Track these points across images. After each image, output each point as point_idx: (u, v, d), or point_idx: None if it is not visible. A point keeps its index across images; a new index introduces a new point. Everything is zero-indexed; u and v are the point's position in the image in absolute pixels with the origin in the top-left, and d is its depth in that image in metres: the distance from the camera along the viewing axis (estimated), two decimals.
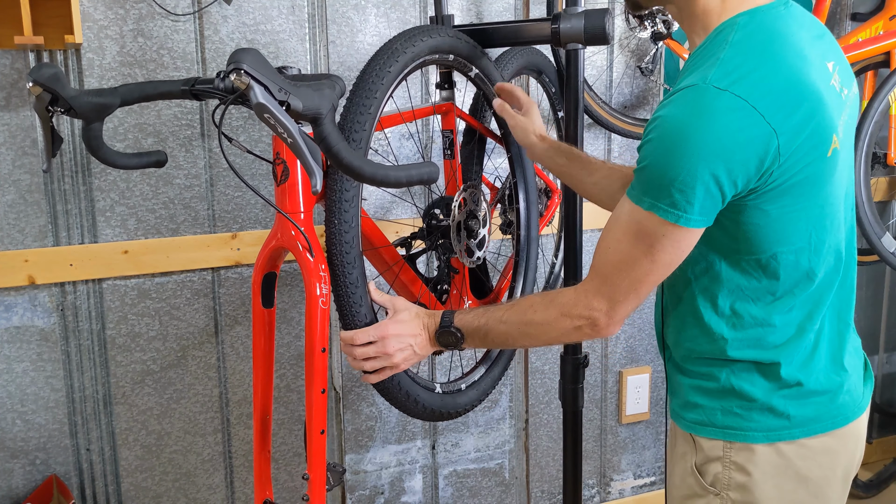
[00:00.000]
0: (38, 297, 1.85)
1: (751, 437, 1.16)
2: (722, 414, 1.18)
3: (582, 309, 1.18)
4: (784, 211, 1.08)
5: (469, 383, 1.61)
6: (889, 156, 2.45)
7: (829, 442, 1.17)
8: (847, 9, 2.59)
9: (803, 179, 1.06)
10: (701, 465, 1.21)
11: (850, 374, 1.21)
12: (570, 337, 1.24)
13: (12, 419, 1.87)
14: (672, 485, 1.28)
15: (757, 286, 1.14)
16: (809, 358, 1.17)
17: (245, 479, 2.10)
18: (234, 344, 2.03)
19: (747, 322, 1.15)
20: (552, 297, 1.23)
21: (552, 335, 1.24)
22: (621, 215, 1.12)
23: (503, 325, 1.27)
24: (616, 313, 1.16)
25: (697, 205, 1.03)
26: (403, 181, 1.14)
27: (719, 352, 1.18)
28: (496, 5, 2.16)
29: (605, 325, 1.17)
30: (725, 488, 1.18)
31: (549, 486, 2.50)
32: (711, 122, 1.00)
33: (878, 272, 2.87)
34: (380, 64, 1.35)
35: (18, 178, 1.80)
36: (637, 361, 2.55)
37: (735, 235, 1.11)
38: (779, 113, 1.01)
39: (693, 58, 1.13)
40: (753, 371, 1.17)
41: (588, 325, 1.18)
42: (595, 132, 2.33)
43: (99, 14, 1.80)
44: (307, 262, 1.27)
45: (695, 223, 1.05)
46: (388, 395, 1.40)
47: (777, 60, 1.05)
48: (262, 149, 1.97)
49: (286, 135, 1.02)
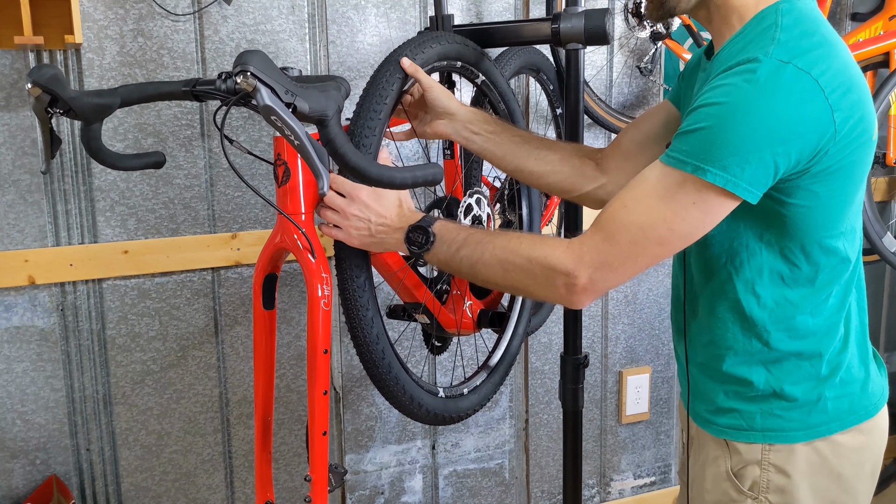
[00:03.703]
0: (38, 297, 1.85)
1: (791, 437, 1.16)
2: (761, 417, 1.18)
3: (569, 258, 1.09)
4: (833, 194, 1.08)
5: (471, 388, 1.61)
6: (888, 156, 2.45)
7: (858, 437, 1.19)
8: (847, 9, 2.59)
9: (852, 162, 1.07)
10: (737, 469, 1.20)
11: (872, 362, 1.24)
12: (541, 288, 1.14)
13: (12, 419, 1.87)
14: (703, 490, 1.26)
15: (799, 274, 1.13)
16: (843, 347, 1.18)
17: (245, 479, 2.10)
18: (234, 344, 2.03)
19: (789, 312, 1.15)
20: (545, 238, 1.15)
21: (524, 276, 1.14)
22: (649, 177, 1.07)
23: (479, 248, 1.17)
24: (601, 279, 1.09)
25: (749, 172, 1.01)
26: (409, 182, 1.14)
27: (761, 347, 1.17)
28: (496, 5, 2.16)
29: (581, 287, 1.09)
30: (764, 491, 1.17)
31: (549, 486, 2.50)
32: (776, 93, 1.00)
33: (878, 272, 2.87)
34: (389, 70, 1.35)
35: (18, 178, 1.80)
36: (637, 361, 2.55)
37: (783, 220, 1.10)
38: (836, 91, 1.02)
39: (732, 44, 1.11)
40: (794, 366, 1.16)
41: (564, 282, 1.09)
42: (595, 132, 2.33)
43: (99, 14, 1.79)
44: (309, 264, 1.27)
45: (743, 191, 1.02)
46: (390, 397, 1.40)
47: (830, 43, 1.06)
48: (262, 149, 1.97)
49: (293, 137, 1.01)
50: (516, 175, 1.49)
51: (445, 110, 1.44)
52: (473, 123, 1.44)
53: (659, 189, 1.05)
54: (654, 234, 1.06)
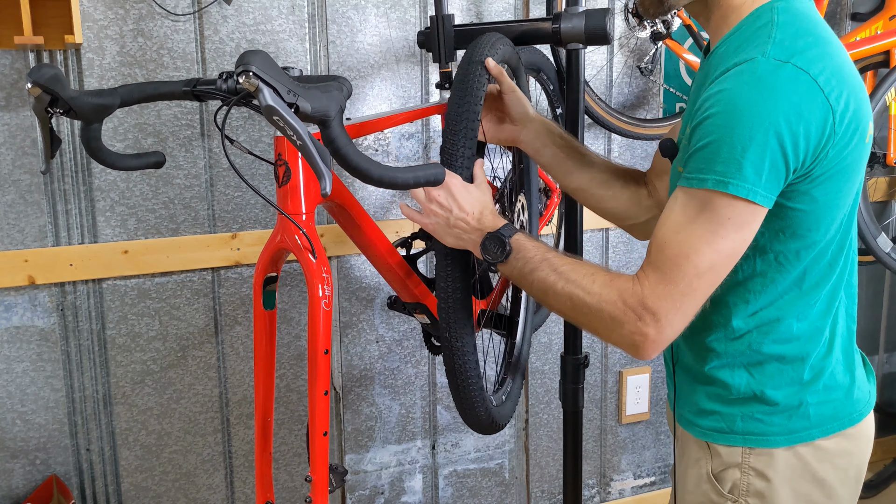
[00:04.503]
0: (38, 297, 1.85)
1: (772, 442, 1.15)
2: (742, 420, 1.16)
3: (637, 304, 1.05)
4: (829, 197, 1.07)
5: (506, 394, 1.62)
6: (888, 156, 2.45)
7: (842, 443, 1.17)
8: (847, 9, 2.59)
9: (849, 164, 1.06)
10: (718, 471, 1.19)
11: (858, 369, 1.22)
12: (611, 332, 1.09)
13: (12, 419, 1.87)
14: (685, 491, 1.25)
15: (788, 277, 1.12)
16: (828, 352, 1.16)
17: (245, 479, 2.10)
18: (234, 344, 2.03)
19: (774, 315, 1.14)
20: (615, 276, 1.11)
21: (595, 320, 1.10)
22: (675, 206, 1.05)
23: (553, 275, 1.14)
24: (667, 328, 1.05)
25: (765, 178, 0.99)
26: (411, 183, 1.14)
27: (744, 350, 1.15)
28: (496, 5, 2.16)
29: (652, 340, 1.05)
30: (744, 495, 1.16)
31: (549, 486, 2.50)
32: (776, 91, 0.99)
33: (877, 272, 2.87)
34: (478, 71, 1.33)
35: (18, 178, 1.79)
36: (637, 361, 2.55)
37: (780, 225, 1.08)
38: (834, 90, 1.01)
39: (727, 42, 1.11)
40: (776, 370, 1.15)
41: (633, 333, 1.06)
42: (595, 132, 2.33)
43: (99, 14, 1.79)
44: (310, 264, 1.26)
45: (762, 198, 1.00)
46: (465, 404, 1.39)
47: (826, 42, 1.05)
48: (263, 149, 1.97)
49: (295, 137, 1.01)
50: (576, 194, 1.49)
51: (522, 117, 1.44)
52: (545, 136, 1.44)
53: (689, 213, 1.03)
54: (702, 262, 1.03)
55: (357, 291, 2.14)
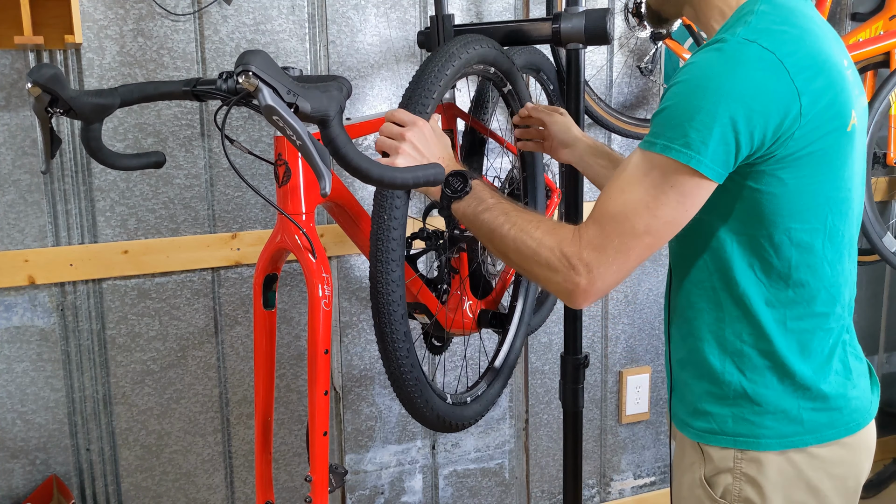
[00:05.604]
0: (38, 297, 1.85)
1: (763, 445, 1.14)
2: (733, 421, 1.16)
3: (573, 254, 1.08)
4: (802, 182, 1.06)
5: (474, 397, 1.61)
6: (889, 156, 2.45)
7: (839, 451, 1.16)
8: (847, 9, 2.59)
9: (822, 149, 1.06)
10: (710, 476, 1.18)
11: (859, 378, 1.20)
12: (546, 277, 1.12)
13: (12, 419, 1.87)
14: (679, 496, 1.25)
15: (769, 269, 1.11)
16: (826, 361, 1.15)
17: (245, 479, 2.10)
18: (234, 344, 2.03)
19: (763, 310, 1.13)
20: (558, 225, 1.14)
21: (533, 263, 1.13)
22: (628, 165, 1.07)
23: (502, 217, 1.17)
24: (598, 280, 1.07)
25: (711, 148, 1.00)
26: (410, 183, 1.14)
27: (733, 339, 1.15)
28: (496, 5, 2.16)
29: (583, 289, 1.08)
30: (736, 500, 1.16)
31: (549, 486, 2.50)
32: (737, 67, 1.00)
33: (878, 272, 2.87)
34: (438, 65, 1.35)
35: (18, 178, 1.79)
36: (637, 361, 2.55)
37: (749, 207, 1.08)
38: (802, 73, 1.02)
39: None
40: (768, 371, 1.14)
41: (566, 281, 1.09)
42: (595, 132, 2.33)
43: (99, 14, 1.79)
44: (310, 264, 1.27)
45: (706, 169, 1.01)
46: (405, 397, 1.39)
47: (802, 28, 1.06)
48: (263, 149, 1.97)
49: (295, 137, 1.01)
50: None
51: (566, 143, 1.59)
52: (591, 156, 1.56)
53: (637, 174, 1.05)
54: (638, 223, 1.05)
55: (357, 291, 2.14)
